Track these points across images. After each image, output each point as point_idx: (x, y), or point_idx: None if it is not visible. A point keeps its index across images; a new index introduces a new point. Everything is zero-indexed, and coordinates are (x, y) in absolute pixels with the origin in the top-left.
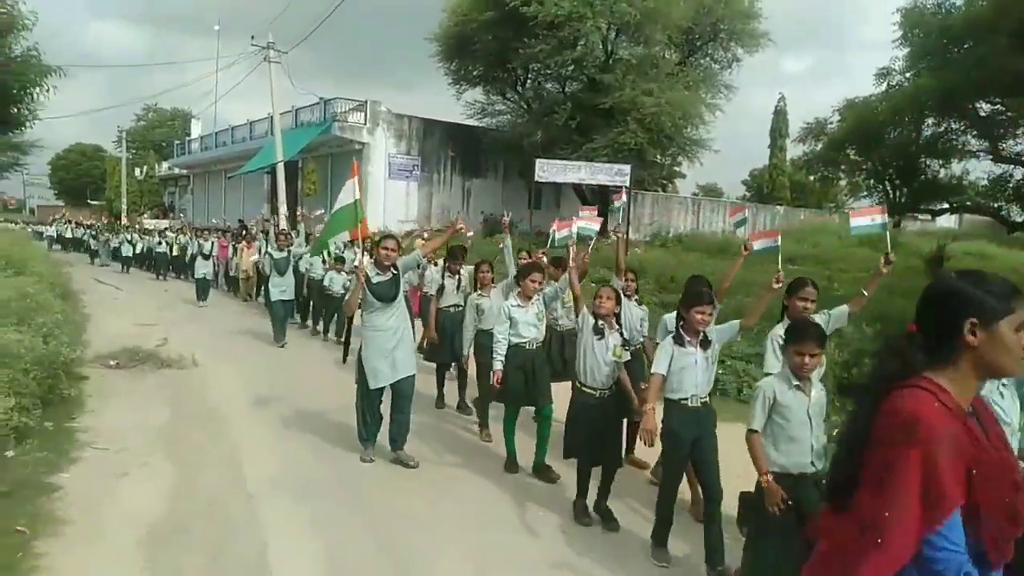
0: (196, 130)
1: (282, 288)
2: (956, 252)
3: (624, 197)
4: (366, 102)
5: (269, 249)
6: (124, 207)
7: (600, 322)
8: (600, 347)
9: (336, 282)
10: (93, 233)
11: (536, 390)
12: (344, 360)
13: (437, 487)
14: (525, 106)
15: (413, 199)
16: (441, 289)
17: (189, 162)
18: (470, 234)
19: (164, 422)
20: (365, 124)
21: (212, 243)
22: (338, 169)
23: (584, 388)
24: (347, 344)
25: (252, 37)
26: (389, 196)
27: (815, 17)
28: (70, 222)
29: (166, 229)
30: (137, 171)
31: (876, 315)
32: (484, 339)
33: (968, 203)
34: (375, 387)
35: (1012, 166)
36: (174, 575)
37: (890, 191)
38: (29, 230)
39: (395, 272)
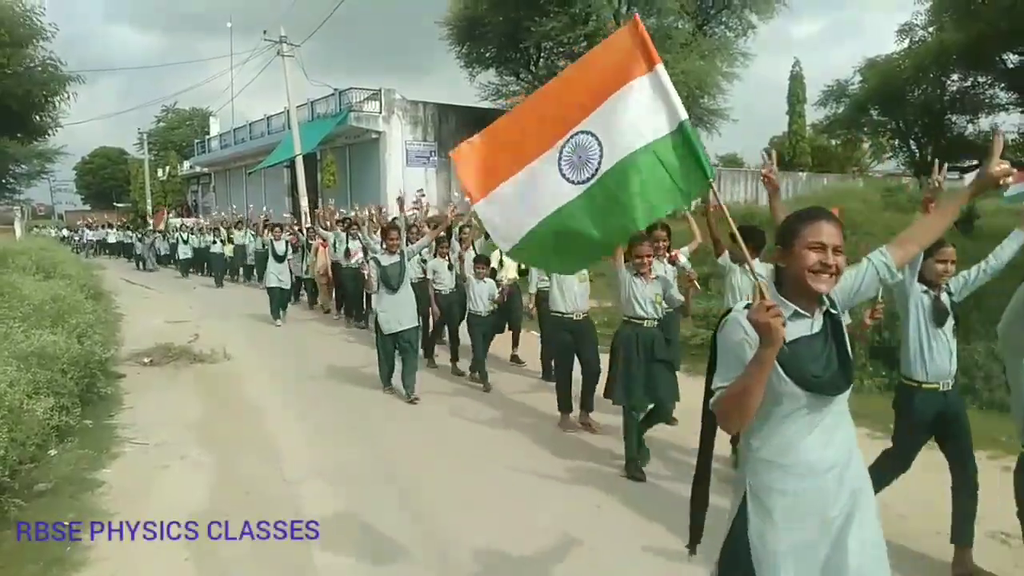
0: (215, 128)
1: (397, 311)
2: (987, 210)
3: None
4: (380, 91)
5: (374, 254)
6: (149, 208)
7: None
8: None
9: (481, 295)
10: (140, 235)
11: None
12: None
13: (483, 473)
14: (539, 85)
15: (432, 186)
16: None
17: (210, 160)
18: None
19: (200, 416)
20: (380, 113)
21: (286, 242)
22: (356, 159)
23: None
24: (704, 478)
25: (264, 32)
26: (408, 184)
27: None
28: (110, 225)
29: (230, 225)
30: (160, 172)
31: None
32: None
33: None
34: None
35: None
36: (217, 564)
37: (916, 150)
38: (64, 233)
39: (834, 313)
